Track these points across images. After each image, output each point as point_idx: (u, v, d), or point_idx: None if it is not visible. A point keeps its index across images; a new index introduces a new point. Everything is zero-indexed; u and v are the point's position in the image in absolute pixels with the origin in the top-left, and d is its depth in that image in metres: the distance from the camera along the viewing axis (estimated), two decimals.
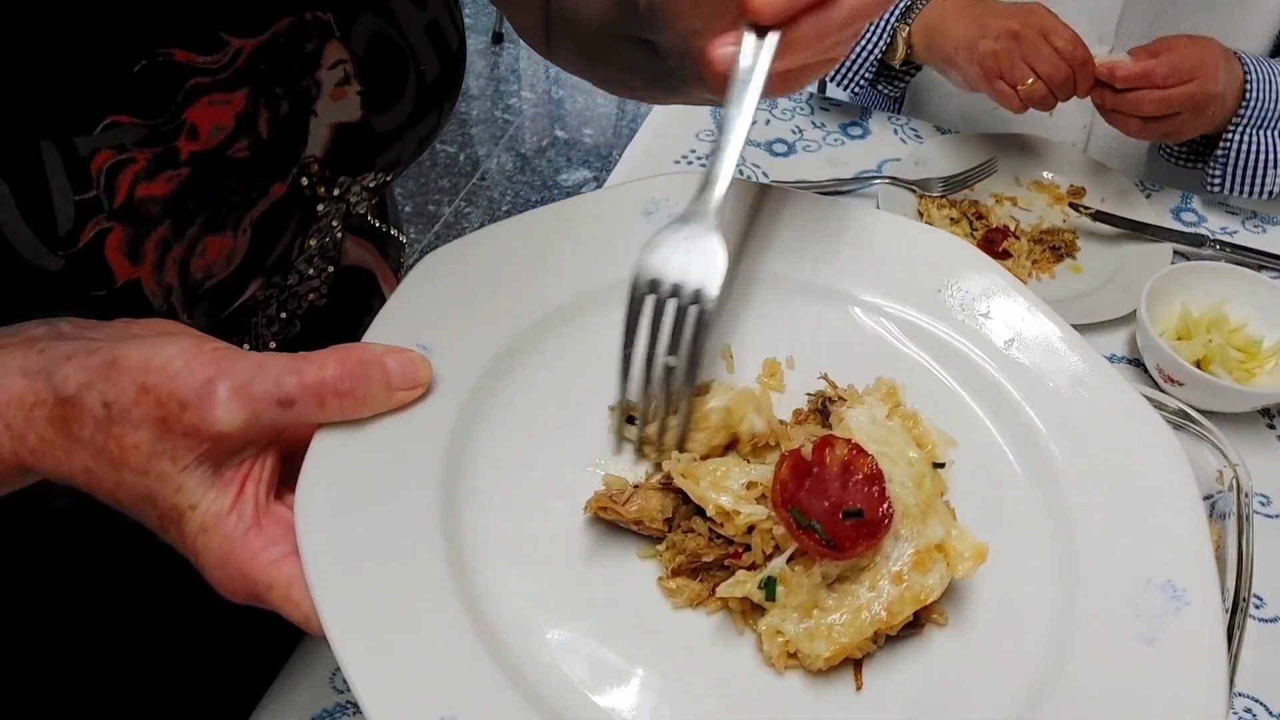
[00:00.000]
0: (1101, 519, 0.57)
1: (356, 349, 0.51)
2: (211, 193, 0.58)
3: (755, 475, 0.55)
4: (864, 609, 0.52)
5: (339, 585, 0.47)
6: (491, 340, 0.60)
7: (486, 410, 0.58)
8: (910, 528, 0.54)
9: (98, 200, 0.53)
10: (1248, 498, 0.86)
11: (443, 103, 0.72)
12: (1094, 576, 0.55)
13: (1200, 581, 0.54)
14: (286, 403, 0.47)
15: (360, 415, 0.51)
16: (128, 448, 0.45)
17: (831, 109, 1.43)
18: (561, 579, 0.54)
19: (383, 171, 0.70)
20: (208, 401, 0.45)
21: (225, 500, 0.47)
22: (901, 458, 0.56)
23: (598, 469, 0.58)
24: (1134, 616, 0.53)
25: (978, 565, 0.53)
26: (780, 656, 0.52)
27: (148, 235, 0.56)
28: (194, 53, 0.56)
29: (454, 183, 3.06)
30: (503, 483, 0.56)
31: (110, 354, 0.46)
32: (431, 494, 0.53)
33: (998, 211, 1.29)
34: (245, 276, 0.62)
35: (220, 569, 0.47)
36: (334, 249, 0.75)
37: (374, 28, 0.65)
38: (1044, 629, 0.54)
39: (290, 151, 0.63)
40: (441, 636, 0.48)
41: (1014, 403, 0.62)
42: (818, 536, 0.52)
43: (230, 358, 0.46)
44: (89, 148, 0.52)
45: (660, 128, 1.40)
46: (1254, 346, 1.09)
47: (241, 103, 0.58)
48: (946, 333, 0.65)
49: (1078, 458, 0.59)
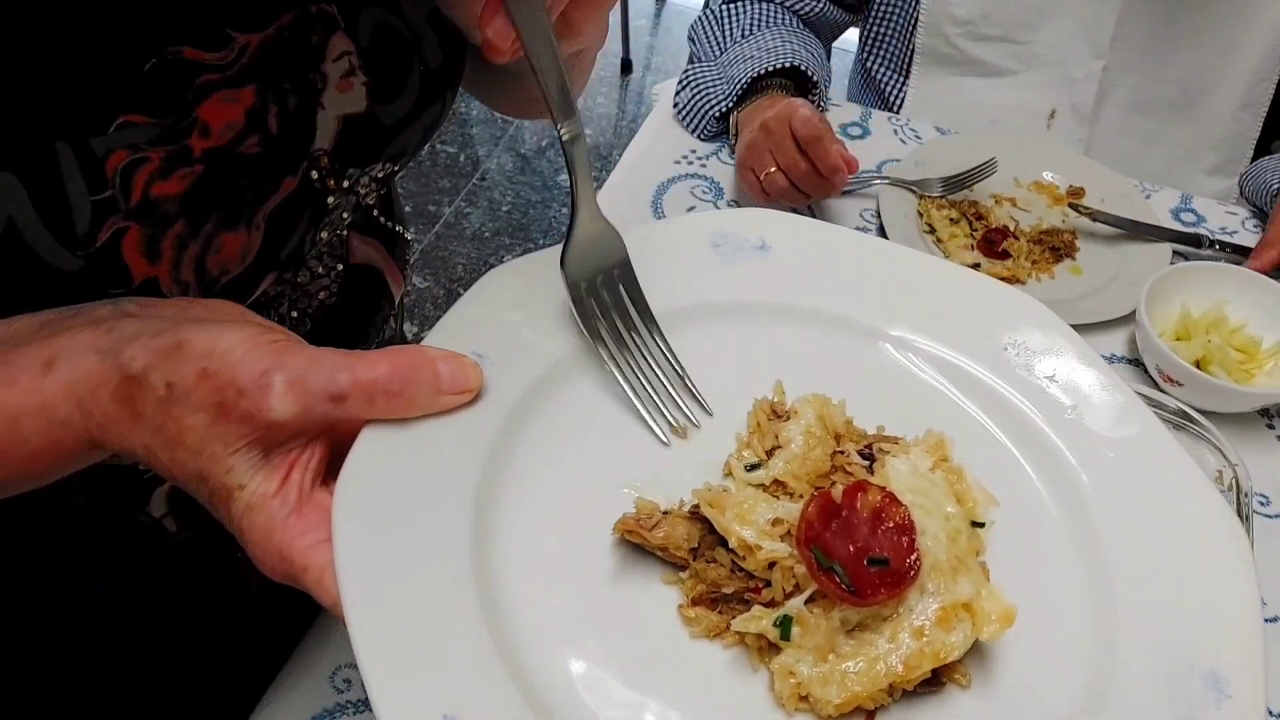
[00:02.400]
0: (1148, 597, 0.56)
1: (410, 351, 0.52)
2: (225, 189, 0.59)
3: (782, 512, 0.55)
4: (881, 660, 0.51)
5: (365, 576, 0.48)
6: (545, 354, 0.61)
7: (531, 422, 0.58)
8: (938, 582, 0.53)
9: (114, 200, 0.54)
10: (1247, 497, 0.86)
11: (446, 90, 0.72)
12: (1132, 655, 0.54)
13: (1246, 676, 0.52)
14: (338, 398, 0.48)
15: (407, 415, 0.53)
16: (185, 428, 0.47)
17: (832, 109, 1.43)
18: (583, 597, 0.54)
19: (390, 162, 0.71)
20: (264, 391, 0.46)
21: (272, 484, 0.48)
22: (938, 511, 0.55)
23: (633, 491, 0.58)
24: (1169, 702, 0.52)
25: (1004, 628, 0.52)
26: (791, 698, 0.51)
27: (164, 233, 0.56)
28: (202, 50, 0.56)
29: (454, 183, 3.06)
30: (537, 495, 0.56)
31: (176, 337, 0.47)
32: (466, 499, 0.54)
33: (997, 212, 1.29)
34: (260, 272, 0.63)
35: (262, 548, 0.49)
36: (343, 247, 0.75)
37: (378, 18, 0.66)
38: (1073, 703, 0.53)
39: (299, 145, 0.63)
40: (456, 638, 0.49)
41: (1069, 469, 0.61)
42: (838, 580, 0.51)
43: (288, 350, 0.48)
44: (104, 148, 0.53)
45: (660, 128, 1.40)
46: (1253, 346, 1.10)
47: (251, 98, 0.59)
48: (1008, 390, 0.64)
49: (1129, 530, 0.58)
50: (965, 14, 1.40)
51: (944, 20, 1.41)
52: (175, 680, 0.82)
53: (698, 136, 1.38)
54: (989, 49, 1.42)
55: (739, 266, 0.66)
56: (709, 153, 1.37)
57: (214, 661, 0.83)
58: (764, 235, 0.68)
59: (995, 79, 1.45)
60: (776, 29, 1.40)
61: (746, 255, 0.67)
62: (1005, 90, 1.45)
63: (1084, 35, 1.38)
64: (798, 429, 0.59)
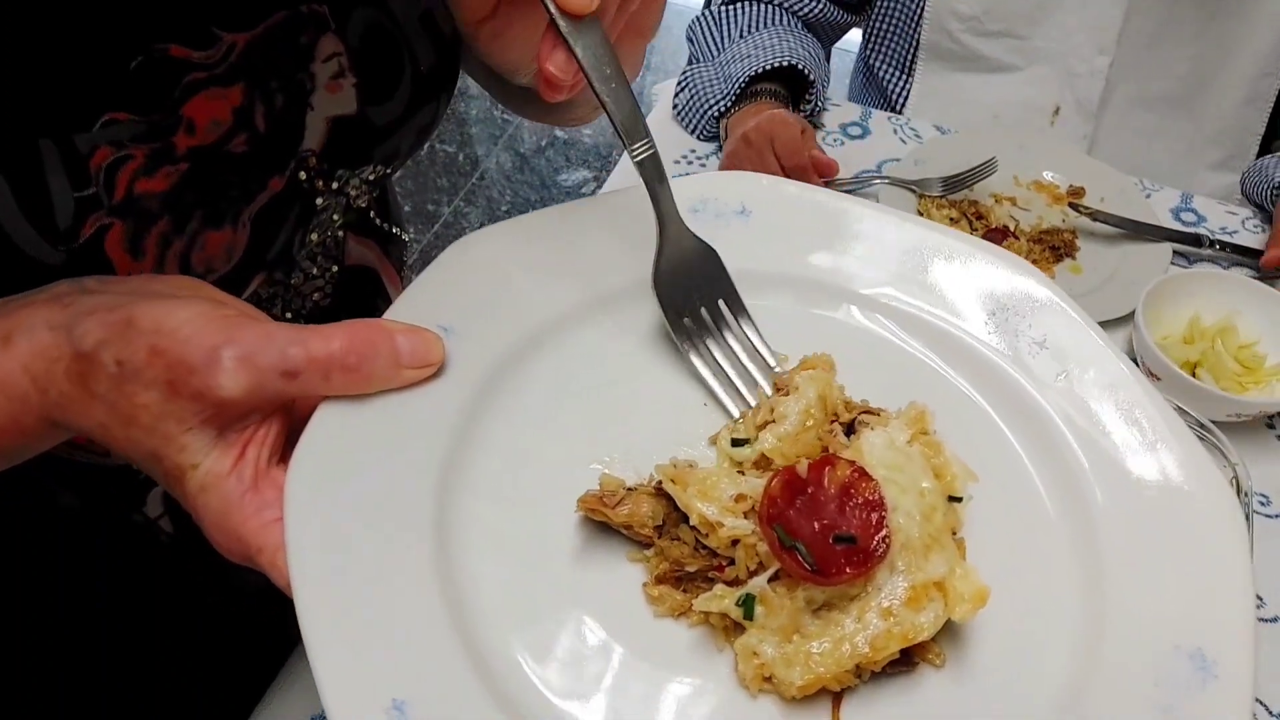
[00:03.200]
0: (1137, 575, 0.53)
1: (368, 324, 0.51)
2: (210, 188, 0.58)
3: (746, 488, 0.53)
4: (846, 640, 0.49)
5: (316, 555, 0.47)
6: (514, 326, 0.59)
7: (498, 397, 0.57)
8: (909, 561, 0.51)
9: (97, 197, 0.53)
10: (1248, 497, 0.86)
11: (440, 93, 0.72)
12: (1117, 635, 0.52)
13: (1235, 657, 0.50)
14: (291, 374, 0.47)
15: (365, 390, 0.52)
16: (138, 406, 0.46)
17: (831, 109, 1.43)
18: (546, 575, 0.53)
19: (382, 164, 0.70)
20: (213, 368, 0.46)
21: (226, 462, 0.48)
22: (913, 487, 0.53)
23: (603, 466, 0.56)
24: (1154, 684, 0.50)
25: (977, 609, 0.50)
26: (755, 679, 0.50)
27: (148, 231, 0.56)
28: (189, 48, 0.56)
29: (453, 182, 3.06)
30: (502, 471, 0.55)
31: (128, 312, 0.46)
32: (427, 476, 0.52)
33: (997, 211, 1.29)
34: (247, 271, 0.63)
35: (217, 527, 0.48)
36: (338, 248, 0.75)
37: (369, 19, 0.65)
38: (1052, 685, 0.51)
39: (287, 145, 0.62)
40: (412, 618, 0.48)
41: (1058, 439, 0.59)
42: (801, 558, 0.50)
43: (240, 325, 0.47)
44: (88, 145, 0.52)
45: (660, 128, 1.40)
46: (1256, 363, 1.09)
47: (238, 97, 0.58)
48: (996, 356, 0.62)
49: (1120, 506, 0.56)
50: (969, 9, 1.40)
51: (948, 15, 1.41)
52: (175, 680, 0.82)
53: (696, 136, 1.38)
54: (992, 44, 1.42)
55: (719, 233, 0.64)
56: (708, 153, 1.37)
57: (214, 661, 0.83)
58: (744, 200, 0.66)
59: (999, 75, 1.44)
60: (774, 29, 1.40)
61: (727, 221, 0.66)
62: (1009, 86, 1.45)
63: (1087, 31, 1.38)
64: (796, 407, 0.57)
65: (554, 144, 3.24)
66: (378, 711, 0.44)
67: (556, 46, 0.54)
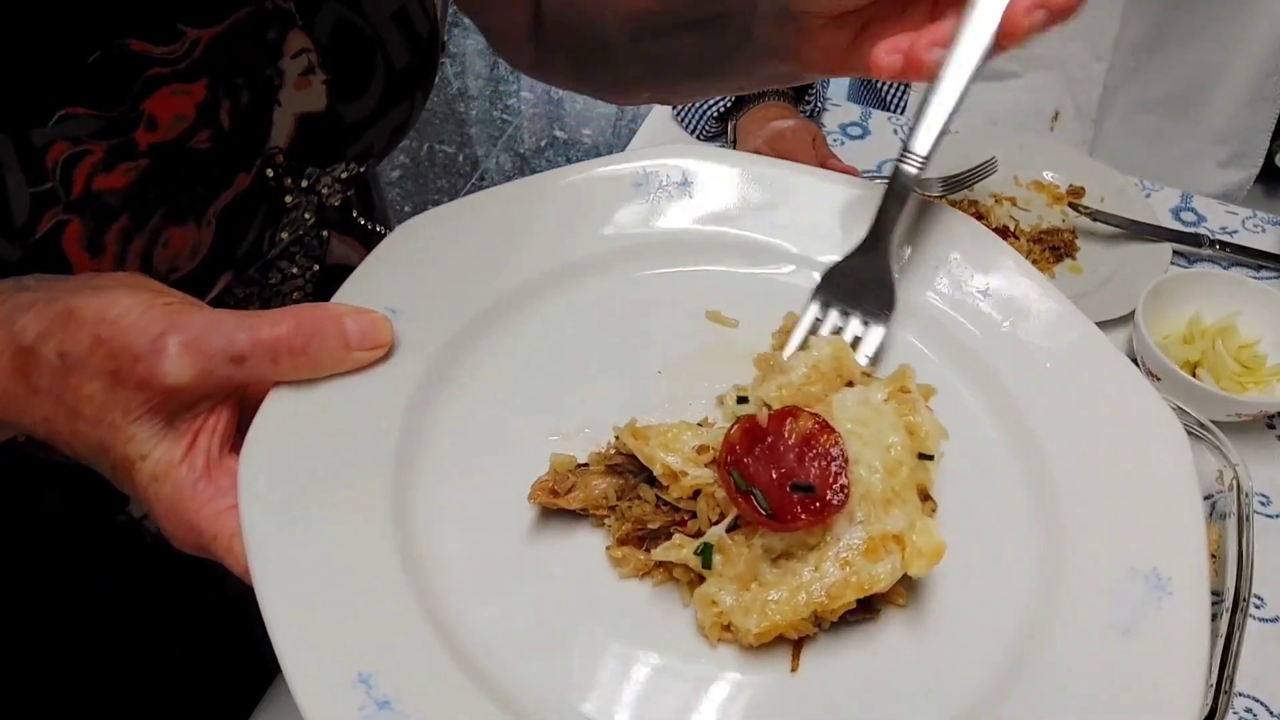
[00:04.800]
0: (1090, 504, 0.55)
1: (315, 308, 0.51)
2: (173, 184, 0.58)
3: (708, 438, 0.53)
4: (803, 589, 0.50)
5: (274, 538, 0.47)
6: (464, 306, 0.59)
7: (452, 376, 0.57)
8: (869, 512, 0.51)
9: (54, 192, 0.53)
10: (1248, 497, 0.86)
11: (415, 91, 0.71)
12: (1075, 563, 0.53)
13: (1187, 572, 0.51)
14: (239, 359, 0.47)
15: (315, 374, 0.51)
16: (82, 398, 0.46)
17: (831, 109, 1.43)
18: (509, 546, 0.53)
19: (355, 162, 0.70)
20: (158, 355, 0.45)
21: (177, 451, 0.47)
22: (878, 441, 0.53)
23: (560, 439, 0.57)
24: (1111, 606, 0.51)
25: (932, 564, 0.51)
26: (714, 628, 0.50)
27: (107, 227, 0.55)
28: (151, 43, 0.55)
29: (453, 183, 3.06)
30: (459, 448, 0.55)
31: (68, 304, 0.46)
32: (384, 455, 0.53)
33: (997, 211, 1.28)
34: (213, 270, 0.62)
35: (170, 518, 0.47)
36: (321, 247, 0.74)
37: (338, 16, 0.65)
38: (1013, 619, 0.52)
39: (253, 142, 0.62)
40: (375, 596, 0.48)
41: (1004, 381, 0.60)
42: (757, 503, 0.50)
43: (184, 312, 0.47)
44: (43, 139, 0.52)
45: (659, 128, 1.40)
46: (1257, 363, 1.09)
47: (201, 93, 0.58)
48: (942, 308, 0.63)
49: (1069, 440, 0.57)
50: None
51: None
52: (175, 680, 0.82)
53: (696, 136, 1.38)
54: None
55: (663, 205, 0.65)
56: None
57: (214, 661, 0.83)
58: (686, 172, 0.67)
59: (997, 82, 1.44)
60: None
61: (670, 193, 0.66)
62: (1007, 93, 1.45)
63: (1084, 37, 1.38)
64: (804, 361, 0.57)
65: (554, 144, 3.24)
66: (345, 685, 0.44)
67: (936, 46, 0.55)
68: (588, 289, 0.62)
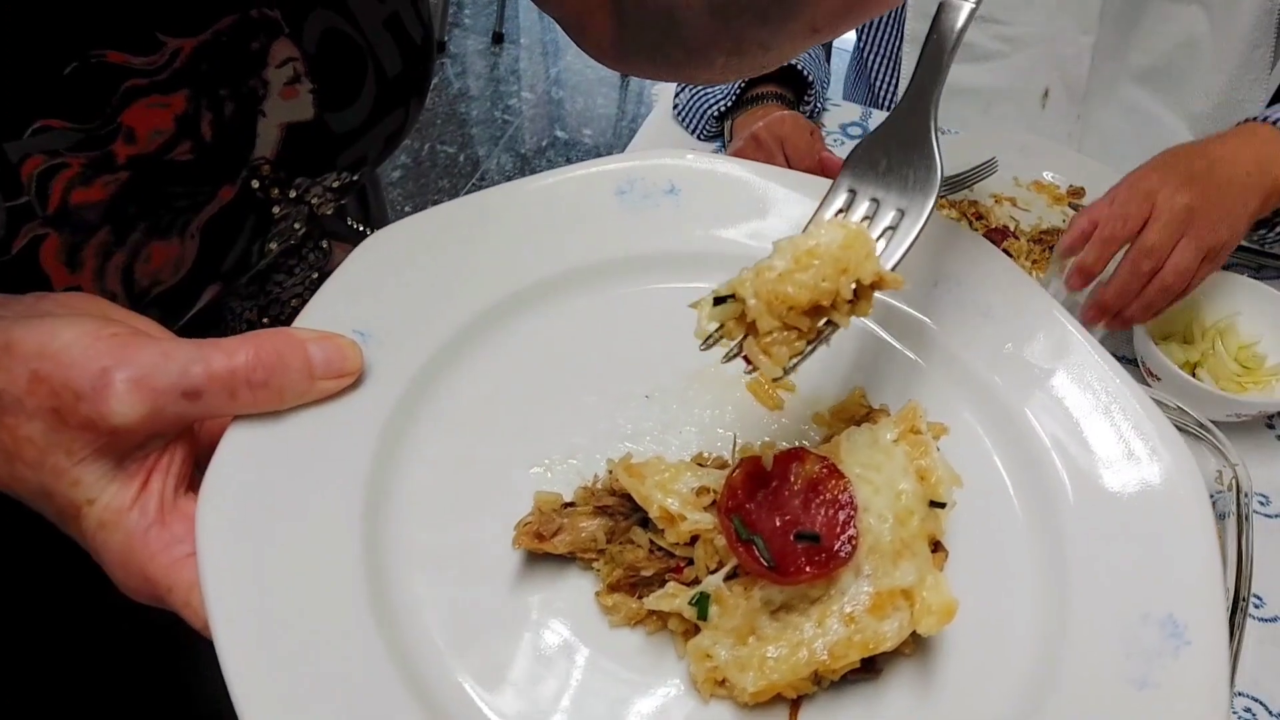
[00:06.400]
0: (1100, 548, 0.51)
1: (275, 334, 0.47)
2: (154, 197, 0.55)
3: (708, 480, 0.50)
4: (804, 645, 0.46)
5: (236, 592, 0.43)
6: (438, 327, 0.55)
7: (426, 403, 0.53)
8: (877, 565, 0.48)
9: (29, 207, 0.50)
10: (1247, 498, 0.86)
11: (409, 99, 0.69)
12: (1085, 612, 0.49)
13: (1205, 619, 0.48)
14: (193, 394, 0.44)
15: (278, 407, 0.48)
16: (20, 439, 0.42)
17: (831, 109, 1.43)
18: (490, 593, 0.49)
19: (348, 171, 0.67)
20: (103, 393, 0.42)
21: (127, 495, 0.44)
22: (889, 488, 0.49)
23: (544, 470, 0.53)
24: (1125, 656, 0.47)
25: (943, 623, 0.46)
26: (707, 683, 0.47)
27: (86, 242, 0.53)
28: (129, 54, 0.52)
29: (453, 183, 3.06)
30: (435, 485, 0.51)
31: (6, 336, 0.43)
32: (354, 495, 0.49)
33: (997, 211, 1.28)
34: (198, 283, 0.60)
35: (122, 568, 0.44)
36: (324, 258, 0.73)
37: (327, 23, 0.62)
38: (1022, 675, 0.48)
39: (237, 153, 0.59)
40: (347, 657, 0.44)
41: (1019, 416, 0.56)
42: (758, 553, 0.46)
43: (131, 344, 0.43)
44: (18, 153, 0.50)
45: (660, 128, 1.41)
46: (1256, 363, 1.09)
47: (181, 104, 0.55)
48: (940, 330, 0.59)
49: (1086, 482, 0.53)
50: None
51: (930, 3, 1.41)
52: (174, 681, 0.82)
53: (697, 136, 1.38)
54: (977, 32, 1.42)
55: (648, 214, 0.60)
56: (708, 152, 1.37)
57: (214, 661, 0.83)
58: (673, 179, 0.63)
59: (985, 63, 1.43)
60: None
61: (655, 201, 0.62)
62: (996, 73, 1.44)
63: (1070, 12, 1.37)
64: (798, 246, 0.49)
65: (554, 145, 3.25)
66: None
67: None
68: (570, 306, 0.59)
